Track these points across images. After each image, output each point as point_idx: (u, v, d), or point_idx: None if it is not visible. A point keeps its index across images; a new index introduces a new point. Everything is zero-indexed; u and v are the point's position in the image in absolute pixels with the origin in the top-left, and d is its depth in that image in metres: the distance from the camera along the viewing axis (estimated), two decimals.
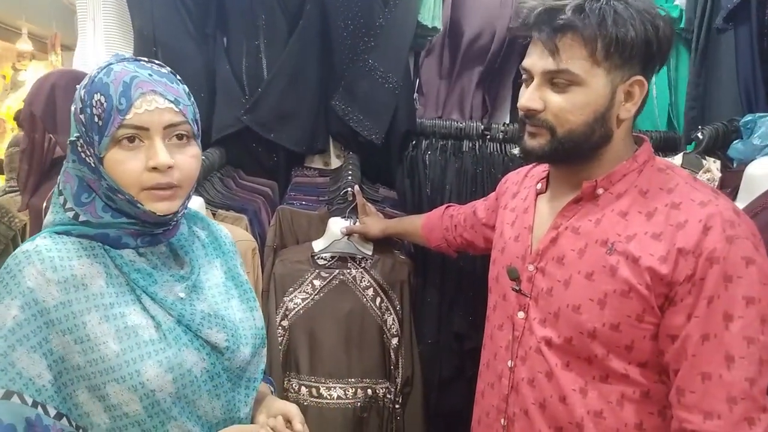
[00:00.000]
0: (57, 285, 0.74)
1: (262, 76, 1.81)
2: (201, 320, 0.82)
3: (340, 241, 1.59)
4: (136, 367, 0.75)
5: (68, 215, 0.80)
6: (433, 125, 1.80)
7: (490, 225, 1.29)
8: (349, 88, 1.76)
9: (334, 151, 1.96)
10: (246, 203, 1.76)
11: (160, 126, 0.77)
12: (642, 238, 0.88)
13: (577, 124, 0.90)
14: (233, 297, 0.92)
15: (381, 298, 1.57)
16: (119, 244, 0.80)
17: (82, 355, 0.74)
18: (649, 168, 0.95)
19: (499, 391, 1.03)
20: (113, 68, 0.77)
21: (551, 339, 0.95)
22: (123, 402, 0.75)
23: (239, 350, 0.86)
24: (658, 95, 1.81)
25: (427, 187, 1.75)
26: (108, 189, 0.77)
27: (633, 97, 0.91)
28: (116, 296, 0.78)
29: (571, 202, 0.97)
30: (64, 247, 0.76)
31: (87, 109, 0.76)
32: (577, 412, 0.92)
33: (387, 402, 1.55)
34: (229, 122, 1.80)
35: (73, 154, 0.80)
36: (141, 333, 0.78)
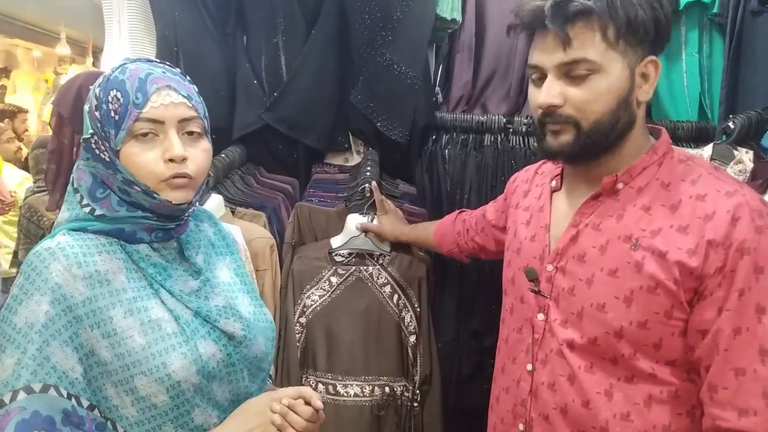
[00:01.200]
0: (83, 281, 0.76)
1: (281, 74, 1.81)
2: (218, 312, 0.85)
3: (358, 238, 1.58)
4: (162, 360, 0.77)
5: (84, 210, 0.82)
6: (454, 119, 1.77)
7: (500, 227, 1.26)
8: (367, 83, 1.74)
9: (355, 147, 1.94)
10: (265, 200, 1.76)
11: (174, 120, 0.80)
12: (668, 232, 0.85)
13: (603, 113, 0.86)
14: (243, 293, 0.94)
15: (398, 296, 1.55)
16: (134, 239, 0.82)
17: (110, 349, 0.76)
18: (669, 160, 0.91)
19: (517, 396, 1.00)
20: (128, 67, 0.80)
21: (573, 340, 0.91)
22: (151, 394, 0.77)
23: (256, 340, 0.89)
24: (689, 83, 1.73)
25: (447, 182, 1.72)
26: (123, 182, 0.79)
27: (649, 78, 0.88)
28: (137, 291, 0.80)
29: (590, 199, 0.94)
30: (84, 243, 0.79)
31: (103, 105, 0.79)
32: (601, 416, 0.88)
33: (405, 400, 1.54)
34: (250, 120, 1.81)
35: (87, 152, 0.82)
36: (164, 326, 0.80)
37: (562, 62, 0.86)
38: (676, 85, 1.77)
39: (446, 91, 1.89)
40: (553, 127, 0.90)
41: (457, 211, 1.49)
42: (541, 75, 0.90)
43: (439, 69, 1.89)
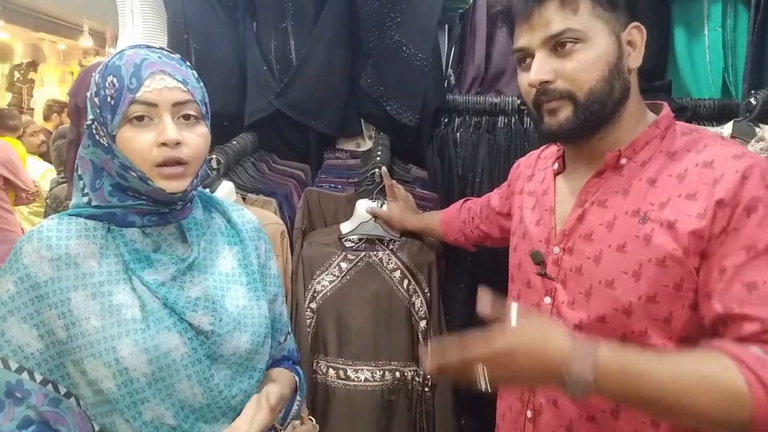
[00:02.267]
0: (49, 262, 0.79)
1: (290, 59, 1.80)
2: (186, 303, 0.83)
3: (367, 223, 1.57)
4: (112, 344, 0.78)
5: (84, 200, 0.84)
6: (467, 101, 1.74)
7: (504, 213, 1.25)
8: (377, 66, 1.72)
9: (366, 132, 1.93)
10: (276, 187, 1.76)
11: (168, 103, 0.80)
12: (676, 201, 0.82)
13: (596, 81, 0.85)
14: (240, 284, 0.91)
15: (408, 281, 1.54)
16: (125, 223, 0.83)
17: (64, 329, 0.78)
18: (672, 133, 0.89)
19: None
20: (125, 53, 0.81)
21: (581, 320, 0.89)
22: (99, 378, 0.78)
23: (230, 336, 0.86)
24: (712, 60, 1.66)
25: (458, 165, 1.69)
26: (120, 167, 0.80)
27: (635, 44, 0.88)
28: (107, 275, 0.81)
29: (594, 177, 0.92)
30: (65, 227, 0.81)
31: (101, 91, 0.80)
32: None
33: (416, 385, 1.53)
34: (261, 106, 1.81)
35: (89, 138, 0.84)
36: (124, 312, 0.80)
37: (548, 36, 0.85)
38: (698, 61, 1.70)
39: (459, 73, 1.85)
40: (548, 105, 0.88)
41: (462, 200, 1.47)
42: (527, 57, 0.89)
43: (451, 50, 1.85)
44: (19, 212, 3.31)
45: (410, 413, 1.53)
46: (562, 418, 0.92)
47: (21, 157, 3.18)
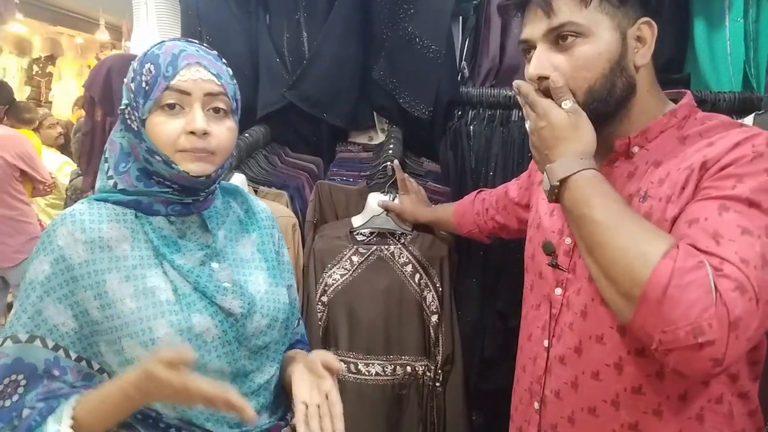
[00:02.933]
0: (84, 245, 0.81)
1: (303, 52, 1.79)
2: (216, 287, 0.85)
3: (379, 217, 1.56)
4: (148, 324, 0.80)
5: (109, 183, 0.86)
6: (480, 94, 1.71)
7: (523, 204, 1.23)
8: (389, 58, 1.70)
9: (379, 125, 1.91)
10: (288, 180, 1.76)
11: (200, 93, 0.82)
12: (674, 173, 0.81)
13: (595, 79, 0.83)
14: (261, 270, 0.94)
15: (420, 275, 1.53)
16: (151, 211, 0.85)
17: (100, 310, 0.80)
18: (692, 121, 0.86)
19: (533, 374, 0.98)
20: (165, 43, 0.85)
21: (586, 306, 0.88)
22: (134, 357, 0.80)
23: (253, 318, 0.89)
24: (733, 51, 1.62)
25: (471, 159, 1.67)
26: (147, 151, 0.82)
27: (645, 41, 0.85)
28: (140, 259, 0.83)
29: (605, 165, 0.91)
30: (97, 212, 0.83)
31: (137, 77, 0.83)
32: (611, 389, 0.85)
33: (426, 380, 1.52)
34: (273, 99, 1.80)
35: (121, 123, 0.87)
36: (158, 294, 0.82)
37: (548, 29, 0.83)
38: (718, 53, 1.66)
39: (473, 66, 1.83)
40: None
41: (476, 191, 1.45)
42: (531, 48, 0.87)
43: (464, 43, 1.83)
44: (35, 204, 3.35)
45: (421, 408, 1.52)
46: (565, 409, 0.91)
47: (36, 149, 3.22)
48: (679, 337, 0.66)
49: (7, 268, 2.93)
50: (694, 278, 0.66)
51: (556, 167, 0.81)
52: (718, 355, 0.66)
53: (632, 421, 0.84)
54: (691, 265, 0.67)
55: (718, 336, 0.65)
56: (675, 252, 0.69)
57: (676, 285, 0.66)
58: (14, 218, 2.92)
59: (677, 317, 0.66)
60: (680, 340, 0.66)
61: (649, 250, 0.70)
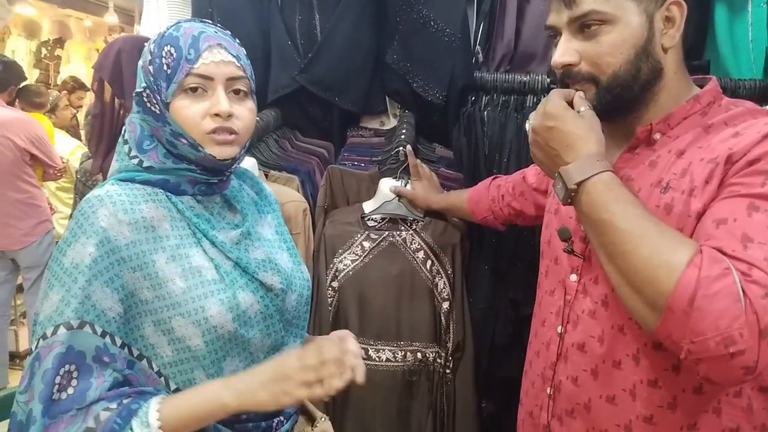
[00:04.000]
0: (128, 226, 0.79)
1: (315, 35, 1.77)
2: (257, 264, 0.88)
3: (391, 203, 1.55)
4: (201, 303, 0.81)
5: (133, 162, 0.85)
6: (495, 79, 1.68)
7: (542, 189, 1.22)
8: (403, 42, 1.68)
9: (391, 110, 1.89)
10: (299, 164, 1.75)
11: (223, 77, 0.83)
12: (697, 164, 0.78)
13: (619, 65, 0.81)
14: (283, 249, 0.97)
15: (432, 261, 1.52)
16: (178, 191, 0.86)
17: (151, 290, 0.80)
18: (716, 108, 0.84)
19: (546, 359, 0.97)
20: (182, 25, 0.84)
21: (606, 296, 0.87)
22: (187, 336, 0.80)
23: (293, 295, 0.92)
24: (755, 38, 1.58)
25: (485, 145, 1.64)
26: (172, 134, 0.83)
27: (674, 21, 0.82)
28: (180, 239, 0.84)
29: (626, 151, 0.89)
30: (131, 192, 0.82)
31: (156, 59, 0.83)
32: (629, 379, 0.84)
33: (437, 366, 1.52)
34: (284, 83, 1.78)
35: (138, 105, 0.85)
36: (204, 273, 0.83)
37: (572, 17, 0.82)
38: (739, 39, 1.62)
39: (488, 51, 1.80)
40: (573, 87, 0.86)
41: (491, 178, 1.43)
42: (557, 35, 0.86)
43: (479, 27, 1.80)
44: (46, 188, 3.36)
45: (431, 395, 1.52)
46: (581, 397, 0.90)
47: (48, 133, 3.21)
48: (709, 348, 0.65)
49: (17, 250, 2.93)
50: (721, 287, 0.64)
51: (572, 170, 0.79)
52: (749, 363, 0.64)
53: (647, 413, 0.83)
54: (717, 273, 0.65)
55: (749, 345, 0.63)
56: (699, 259, 0.67)
57: (703, 295, 0.64)
58: (24, 201, 2.92)
59: (706, 327, 0.64)
60: (710, 350, 0.65)
61: (673, 258, 0.68)
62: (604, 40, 0.81)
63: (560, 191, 0.81)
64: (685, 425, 0.81)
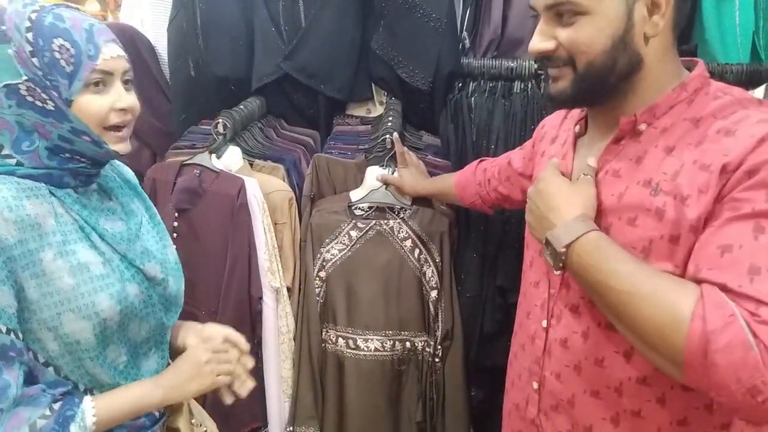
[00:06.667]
0: (14, 224, 0.77)
1: (299, 22, 1.74)
2: (141, 255, 0.90)
3: (378, 191, 1.53)
4: (91, 299, 0.82)
5: (9, 162, 0.81)
6: (482, 66, 1.67)
7: (527, 175, 1.19)
8: (389, 28, 1.65)
9: (377, 97, 1.87)
10: (284, 153, 1.72)
11: (120, 71, 0.85)
12: (689, 168, 0.75)
13: (595, 54, 0.78)
14: (154, 233, 0.99)
15: (420, 250, 1.51)
16: (61, 184, 0.84)
17: (37, 288, 0.79)
18: (703, 97, 0.80)
19: (532, 353, 0.96)
20: (62, 14, 0.80)
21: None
22: (76, 330, 0.81)
23: (169, 281, 0.95)
24: (742, 22, 1.58)
25: (473, 132, 1.63)
26: (71, 131, 0.81)
27: (659, 7, 0.77)
28: (66, 234, 0.83)
29: (611, 143, 0.86)
30: (13, 187, 0.79)
31: (45, 53, 0.78)
32: (615, 376, 0.83)
33: (426, 355, 1.51)
34: (268, 70, 1.76)
35: (11, 99, 0.79)
36: (92, 269, 0.83)
37: (548, 4, 0.80)
38: (726, 24, 1.61)
39: (474, 37, 1.78)
40: (551, 72, 0.84)
41: (477, 161, 1.41)
42: (538, 16, 0.83)
43: (466, 13, 1.77)
44: None
45: (420, 383, 1.51)
46: (565, 392, 0.89)
47: None
48: (737, 399, 0.64)
49: None
50: (729, 338, 0.63)
51: (558, 233, 0.79)
52: None
53: (634, 408, 0.82)
54: (722, 324, 0.63)
55: None
56: (702, 309, 0.65)
57: (714, 350, 0.63)
58: None
59: (728, 381, 0.63)
60: (739, 401, 0.64)
61: (677, 313, 0.66)
62: (581, 29, 0.78)
63: (550, 257, 0.81)
64: (675, 421, 0.80)
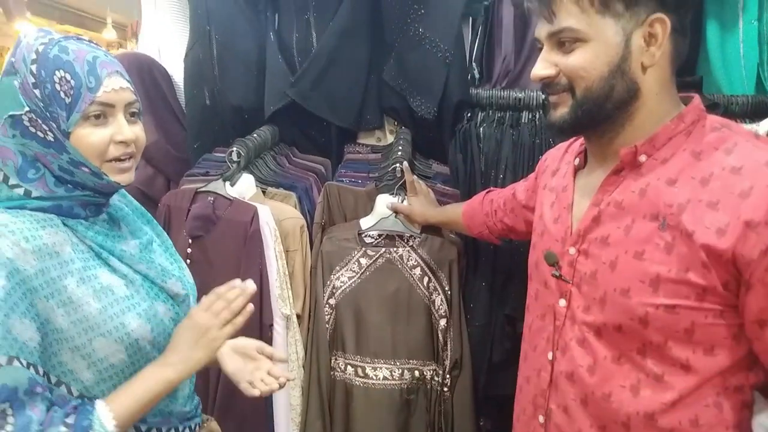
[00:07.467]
0: (33, 254, 0.77)
1: (312, 51, 1.78)
2: (162, 274, 0.92)
3: (388, 219, 1.55)
4: (120, 320, 0.83)
5: (17, 192, 0.81)
6: (490, 96, 1.70)
7: (530, 207, 1.20)
8: (399, 60, 1.69)
9: (387, 126, 1.90)
10: (296, 181, 1.75)
11: (123, 104, 0.84)
12: (696, 206, 0.76)
13: (593, 80, 0.82)
14: (167, 253, 1.00)
15: (429, 278, 1.52)
16: (72, 215, 0.85)
17: (66, 317, 0.79)
18: (700, 128, 0.82)
19: (537, 386, 0.96)
20: (68, 47, 0.81)
21: (598, 328, 0.85)
22: (110, 354, 0.82)
23: (190, 297, 0.98)
24: (746, 53, 1.60)
25: (481, 161, 1.65)
26: (70, 162, 0.81)
27: (656, 38, 0.81)
28: (85, 261, 0.83)
29: (611, 174, 0.87)
30: (26, 219, 0.79)
31: (47, 85, 0.79)
32: (623, 411, 0.83)
33: (435, 384, 1.51)
34: (278, 97, 1.79)
35: (15, 129, 0.80)
36: (116, 291, 0.84)
37: (551, 32, 0.83)
38: (731, 56, 1.64)
39: (485, 68, 1.82)
40: (552, 98, 0.87)
41: (485, 191, 1.42)
42: (542, 46, 0.87)
43: (475, 44, 1.82)
44: None
45: (429, 413, 1.51)
46: (572, 426, 0.89)
47: None
48: None
49: None
50: None
51: None
52: None
53: None
54: None
55: None
56: None
57: None
58: None
59: None
60: None
61: None
62: (580, 56, 0.82)
63: None
64: None
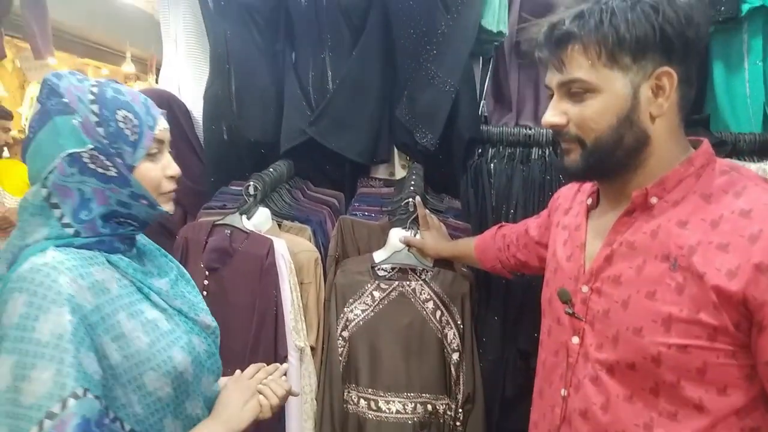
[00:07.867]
0: (88, 291, 0.80)
1: (328, 89, 1.84)
2: (194, 308, 0.96)
3: (401, 253, 1.57)
4: (167, 354, 0.86)
5: (67, 231, 0.83)
6: (500, 132, 1.74)
7: (543, 243, 1.22)
8: (411, 98, 1.74)
9: (400, 161, 1.95)
10: (311, 214, 1.79)
11: (168, 140, 0.94)
12: (706, 248, 0.78)
13: (602, 131, 0.85)
14: (191, 287, 1.04)
15: (441, 312, 1.53)
16: (112, 249, 0.88)
17: (119, 351, 0.81)
18: (710, 172, 0.85)
19: (551, 422, 0.96)
20: (120, 89, 0.89)
21: (611, 366, 0.87)
22: (158, 388, 0.84)
23: (217, 329, 1.01)
24: (752, 93, 1.64)
25: (492, 196, 1.68)
26: (131, 196, 0.87)
27: (663, 90, 0.84)
28: (130, 296, 0.86)
29: (624, 215, 0.90)
30: (76, 257, 0.82)
31: (110, 123, 0.85)
32: None
33: (447, 419, 1.51)
34: (295, 134, 1.84)
35: (73, 167, 0.83)
36: (160, 325, 0.88)
37: (561, 81, 0.87)
38: (737, 95, 1.68)
39: (495, 104, 1.87)
40: (564, 145, 0.91)
41: (497, 226, 1.45)
42: (552, 93, 0.90)
43: (485, 81, 1.87)
44: None
45: None
46: None
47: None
48: None
49: None
50: None
51: None
52: None
53: None
54: None
55: None
56: None
57: None
58: None
59: None
60: None
61: None
62: (589, 107, 0.85)
63: None
64: None
